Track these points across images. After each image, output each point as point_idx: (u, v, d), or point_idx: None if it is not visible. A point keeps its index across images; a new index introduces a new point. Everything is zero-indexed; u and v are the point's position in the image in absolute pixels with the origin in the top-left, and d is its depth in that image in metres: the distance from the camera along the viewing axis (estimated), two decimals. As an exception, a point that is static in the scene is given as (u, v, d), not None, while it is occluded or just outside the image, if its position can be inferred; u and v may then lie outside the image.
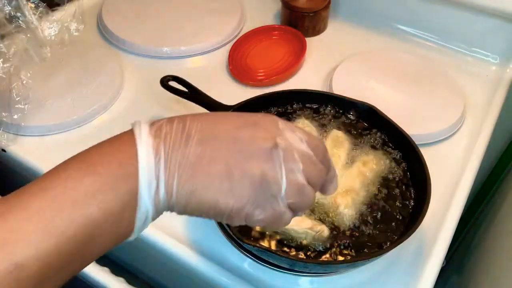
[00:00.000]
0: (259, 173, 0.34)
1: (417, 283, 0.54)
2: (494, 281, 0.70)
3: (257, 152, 0.34)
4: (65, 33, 0.68)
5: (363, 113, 0.65)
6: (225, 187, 0.33)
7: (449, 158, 0.69)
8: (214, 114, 0.38)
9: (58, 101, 0.71)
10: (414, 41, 0.88)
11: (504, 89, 0.79)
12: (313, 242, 0.52)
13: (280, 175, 0.35)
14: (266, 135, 0.35)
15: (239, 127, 0.35)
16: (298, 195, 0.36)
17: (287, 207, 0.36)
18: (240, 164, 0.34)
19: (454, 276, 0.97)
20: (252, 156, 0.34)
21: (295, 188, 0.35)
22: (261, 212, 0.35)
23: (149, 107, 0.74)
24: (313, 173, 0.37)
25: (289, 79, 0.80)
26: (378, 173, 0.60)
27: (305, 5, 0.86)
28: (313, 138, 0.38)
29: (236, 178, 0.34)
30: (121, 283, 0.56)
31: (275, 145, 0.34)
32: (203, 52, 0.84)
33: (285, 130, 0.36)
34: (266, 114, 0.38)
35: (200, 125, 0.34)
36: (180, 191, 0.33)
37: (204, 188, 0.33)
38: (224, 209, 0.34)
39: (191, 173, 0.33)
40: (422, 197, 0.55)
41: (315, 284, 0.55)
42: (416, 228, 0.51)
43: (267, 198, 0.35)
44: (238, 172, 0.34)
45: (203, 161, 0.33)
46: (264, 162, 0.34)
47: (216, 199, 0.33)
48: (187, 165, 0.33)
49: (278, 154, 0.35)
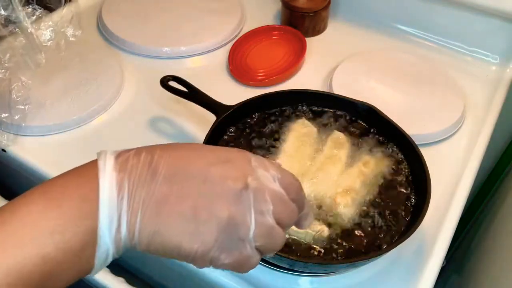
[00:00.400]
0: (227, 215, 0.32)
1: (417, 283, 0.54)
2: (494, 281, 0.70)
3: (226, 193, 0.33)
4: (62, 38, 0.68)
5: (363, 113, 0.65)
6: (191, 229, 0.32)
7: (449, 158, 0.69)
8: (186, 148, 0.35)
9: (58, 101, 0.71)
10: (414, 41, 0.88)
11: (504, 89, 0.79)
12: (313, 242, 0.52)
13: (249, 218, 0.33)
14: (237, 174, 0.33)
15: (210, 164, 0.34)
16: (267, 237, 0.34)
17: (255, 250, 0.34)
18: (208, 205, 0.32)
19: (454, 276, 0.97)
20: (220, 197, 0.33)
21: (264, 230, 0.34)
22: (227, 256, 0.33)
23: (149, 107, 0.74)
24: (284, 214, 0.35)
25: (289, 79, 0.80)
26: (378, 173, 0.60)
27: (305, 5, 0.86)
28: (287, 176, 0.37)
29: (202, 220, 0.32)
30: (121, 283, 0.56)
31: (245, 186, 0.33)
32: (203, 52, 0.84)
33: (258, 168, 0.35)
34: (240, 150, 0.36)
35: (169, 159, 0.33)
36: (143, 231, 0.31)
37: (168, 229, 0.32)
38: (188, 252, 0.32)
39: (155, 212, 0.31)
40: (422, 197, 0.55)
41: (315, 284, 0.55)
42: (416, 228, 0.51)
43: (234, 241, 0.33)
44: (205, 214, 0.32)
45: (169, 200, 0.32)
46: (232, 204, 0.33)
47: (180, 241, 0.32)
48: (151, 203, 0.31)
49: (248, 195, 0.33)
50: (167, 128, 0.71)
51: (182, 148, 0.35)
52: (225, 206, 0.32)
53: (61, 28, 0.67)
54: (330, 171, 0.59)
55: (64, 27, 0.67)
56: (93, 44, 0.84)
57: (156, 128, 0.71)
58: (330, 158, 0.60)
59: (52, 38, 0.66)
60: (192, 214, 0.32)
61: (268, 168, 0.35)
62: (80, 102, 0.72)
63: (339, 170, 0.59)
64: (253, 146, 0.62)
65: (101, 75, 0.76)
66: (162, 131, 0.71)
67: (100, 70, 0.77)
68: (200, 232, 0.32)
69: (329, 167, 0.59)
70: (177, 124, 0.71)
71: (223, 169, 0.34)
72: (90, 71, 0.77)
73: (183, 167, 0.33)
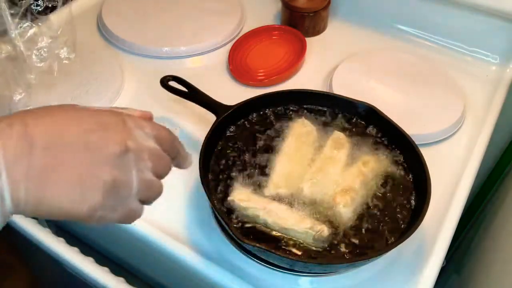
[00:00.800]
0: (111, 179, 0.34)
1: (417, 283, 0.54)
2: (494, 281, 0.70)
3: (108, 158, 0.34)
4: (55, 60, 0.67)
5: (363, 113, 0.65)
6: (76, 195, 0.33)
7: (449, 158, 0.69)
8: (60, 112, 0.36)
9: (58, 101, 0.71)
10: (414, 41, 0.88)
11: (504, 89, 0.79)
12: (313, 242, 0.52)
13: (132, 177, 0.36)
14: (117, 138, 0.35)
15: (88, 130, 0.35)
16: (148, 190, 0.38)
17: (138, 203, 0.38)
18: (91, 171, 0.34)
19: (454, 276, 0.97)
20: (103, 162, 0.34)
21: (145, 185, 0.37)
22: (113, 213, 0.36)
23: (149, 107, 0.73)
24: (160, 168, 0.39)
25: (289, 79, 0.80)
26: (378, 173, 0.60)
27: (305, 5, 0.86)
28: (160, 130, 0.40)
29: (87, 185, 0.33)
30: (121, 283, 0.56)
31: (126, 149, 0.35)
32: (203, 52, 0.84)
33: (134, 128, 0.37)
34: (114, 111, 0.38)
35: (45, 128, 0.33)
36: (28, 201, 0.32)
37: (53, 196, 0.32)
38: (76, 215, 0.34)
39: (39, 182, 0.32)
40: (422, 197, 0.55)
41: (315, 284, 0.55)
42: (416, 228, 0.51)
43: (119, 200, 0.35)
44: (90, 180, 0.33)
45: (52, 169, 0.32)
46: (115, 168, 0.35)
47: (67, 206, 0.33)
48: (34, 174, 0.32)
49: (128, 157, 0.35)
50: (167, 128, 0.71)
51: (55, 113, 0.35)
52: (109, 171, 0.34)
53: (55, 49, 0.66)
54: (330, 171, 0.59)
55: (58, 49, 0.67)
56: (93, 44, 0.84)
57: (156, 128, 0.71)
58: (330, 158, 0.60)
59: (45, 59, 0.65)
60: (77, 180, 0.33)
61: (143, 127, 0.38)
62: (80, 102, 0.71)
63: (339, 170, 0.59)
64: (253, 146, 0.62)
65: (101, 75, 0.76)
66: (162, 131, 0.71)
67: (100, 70, 0.77)
68: (86, 197, 0.33)
69: (329, 167, 0.59)
70: (177, 124, 0.71)
71: (102, 135, 0.35)
72: (90, 71, 0.77)
73: (61, 135, 0.33)
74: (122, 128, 0.36)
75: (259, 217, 0.53)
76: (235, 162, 0.60)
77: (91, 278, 0.57)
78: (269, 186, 0.57)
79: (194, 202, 0.62)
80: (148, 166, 0.37)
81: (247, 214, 0.54)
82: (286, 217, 0.53)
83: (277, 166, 0.59)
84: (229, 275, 0.54)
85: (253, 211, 0.54)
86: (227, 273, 0.54)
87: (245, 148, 0.62)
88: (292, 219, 0.53)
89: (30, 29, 0.64)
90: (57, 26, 0.67)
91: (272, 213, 0.53)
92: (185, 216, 0.60)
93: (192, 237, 0.58)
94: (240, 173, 0.59)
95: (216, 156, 0.60)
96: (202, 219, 0.60)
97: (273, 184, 0.57)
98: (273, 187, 0.57)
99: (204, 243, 0.57)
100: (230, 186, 0.57)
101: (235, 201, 0.55)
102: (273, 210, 0.54)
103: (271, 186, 0.57)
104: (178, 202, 0.61)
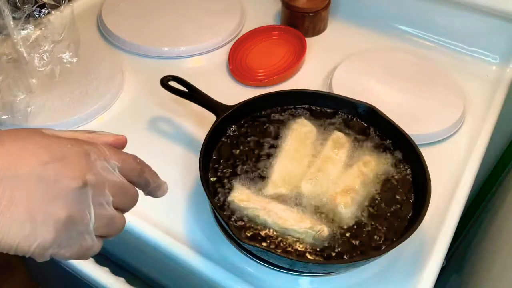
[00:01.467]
0: (65, 215, 0.32)
1: (417, 283, 0.54)
2: (494, 281, 0.70)
3: (63, 193, 0.32)
4: (58, 64, 0.67)
5: (363, 113, 0.65)
6: (26, 231, 0.31)
7: (449, 158, 0.69)
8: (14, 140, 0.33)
9: (58, 101, 0.71)
10: (414, 41, 0.88)
11: (504, 89, 0.79)
12: (313, 242, 0.52)
13: (88, 213, 0.34)
14: (75, 173, 0.33)
15: (44, 162, 0.32)
16: (107, 226, 0.36)
17: (95, 239, 0.35)
18: (44, 207, 0.32)
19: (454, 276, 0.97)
20: (57, 198, 0.32)
21: (105, 221, 0.35)
22: (67, 250, 0.34)
23: (149, 107, 0.74)
24: (124, 201, 0.37)
25: (289, 79, 0.80)
26: (378, 173, 0.60)
27: (305, 5, 0.86)
28: (127, 162, 0.37)
29: (39, 222, 0.31)
30: (121, 283, 0.56)
31: (83, 184, 0.33)
32: (203, 52, 0.84)
33: (97, 160, 0.35)
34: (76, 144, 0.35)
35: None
36: None
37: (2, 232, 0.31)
38: (26, 251, 0.32)
39: None
40: (422, 197, 0.55)
41: (315, 284, 0.55)
42: (416, 228, 0.51)
43: (73, 237, 0.33)
44: (41, 216, 0.31)
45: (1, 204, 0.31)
46: (70, 204, 0.32)
47: (16, 242, 0.31)
48: None
49: (86, 192, 0.33)
50: (167, 128, 0.71)
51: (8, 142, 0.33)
52: (63, 206, 0.32)
53: (58, 53, 0.66)
54: (330, 171, 0.59)
55: (61, 53, 0.66)
56: (93, 44, 0.84)
57: (156, 128, 0.71)
58: (330, 158, 0.60)
59: (47, 64, 0.65)
60: (28, 216, 0.31)
61: (108, 158, 0.36)
62: (80, 102, 0.72)
63: (339, 170, 0.59)
64: (253, 146, 0.62)
65: (101, 75, 0.76)
66: (162, 131, 0.71)
67: (100, 70, 0.77)
68: (37, 234, 0.32)
69: (329, 167, 0.59)
70: (177, 124, 0.71)
71: (58, 169, 0.33)
72: (90, 71, 0.77)
73: (13, 168, 0.31)
74: (82, 160, 0.34)
75: (259, 217, 0.53)
76: (235, 162, 0.60)
77: (91, 278, 0.57)
78: (269, 186, 0.57)
79: (194, 202, 0.62)
80: (108, 200, 0.35)
81: (247, 214, 0.54)
82: (286, 217, 0.53)
83: (277, 166, 0.59)
84: (229, 275, 0.54)
85: (253, 211, 0.54)
86: (227, 273, 0.54)
87: (245, 148, 0.62)
88: (292, 219, 0.53)
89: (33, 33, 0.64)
90: (60, 30, 0.66)
91: (272, 213, 0.53)
92: (185, 216, 0.60)
93: (192, 237, 0.58)
94: (240, 173, 0.59)
95: (216, 156, 0.60)
96: (202, 219, 0.60)
97: (273, 184, 0.57)
98: (273, 187, 0.57)
99: (204, 243, 0.57)
100: (230, 186, 0.57)
101: (235, 201, 0.55)
102: (273, 210, 0.54)
103: (270, 186, 0.57)
104: (178, 202, 0.61)
